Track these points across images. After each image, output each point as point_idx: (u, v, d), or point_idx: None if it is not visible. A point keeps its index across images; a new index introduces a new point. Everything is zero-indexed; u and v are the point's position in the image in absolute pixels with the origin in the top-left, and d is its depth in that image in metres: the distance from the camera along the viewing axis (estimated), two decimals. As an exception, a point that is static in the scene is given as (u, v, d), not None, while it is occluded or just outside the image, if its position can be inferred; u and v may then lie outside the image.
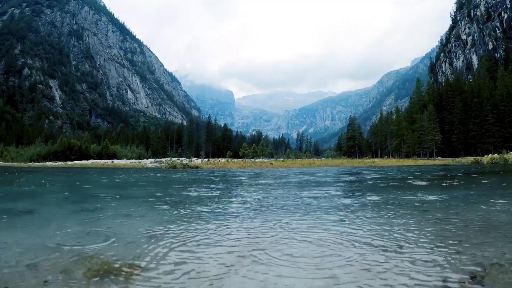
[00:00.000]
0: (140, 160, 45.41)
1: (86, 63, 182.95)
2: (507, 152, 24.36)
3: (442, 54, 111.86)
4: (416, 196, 4.39)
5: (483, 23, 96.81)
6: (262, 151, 79.99)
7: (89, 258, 1.68)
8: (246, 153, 75.19)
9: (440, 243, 1.92)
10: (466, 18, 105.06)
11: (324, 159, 56.03)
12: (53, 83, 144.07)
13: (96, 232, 2.34)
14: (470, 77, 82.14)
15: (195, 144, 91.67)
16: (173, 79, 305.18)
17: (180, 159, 32.00)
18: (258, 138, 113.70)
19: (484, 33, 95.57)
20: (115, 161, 42.44)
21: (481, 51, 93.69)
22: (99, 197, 5.17)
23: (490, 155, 23.16)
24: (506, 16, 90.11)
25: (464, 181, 7.35)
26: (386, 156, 64.97)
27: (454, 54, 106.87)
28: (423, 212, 3.12)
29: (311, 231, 2.31)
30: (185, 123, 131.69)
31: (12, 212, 3.47)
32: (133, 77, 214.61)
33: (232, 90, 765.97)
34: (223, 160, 40.47)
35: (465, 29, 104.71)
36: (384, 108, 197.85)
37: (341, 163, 29.35)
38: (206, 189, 6.22)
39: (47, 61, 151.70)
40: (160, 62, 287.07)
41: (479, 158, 25.25)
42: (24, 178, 11.04)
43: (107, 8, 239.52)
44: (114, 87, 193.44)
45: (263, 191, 5.77)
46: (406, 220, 2.69)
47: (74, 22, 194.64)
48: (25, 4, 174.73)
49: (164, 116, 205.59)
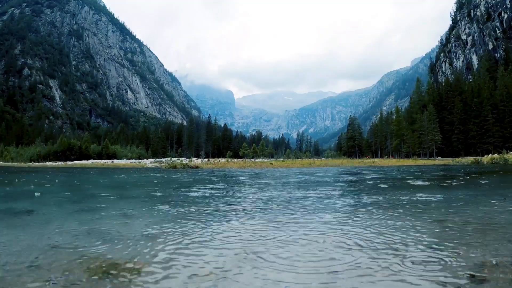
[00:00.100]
0: (140, 160, 45.38)
1: (86, 63, 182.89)
2: (507, 152, 24.36)
3: (442, 54, 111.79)
4: (416, 196, 4.39)
5: (483, 23, 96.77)
6: (262, 151, 79.94)
7: (89, 258, 1.68)
8: (246, 153, 75.16)
9: (440, 243, 1.92)
10: (466, 18, 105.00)
11: (324, 159, 55.98)
12: (53, 83, 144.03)
13: (96, 232, 2.34)
14: (470, 77, 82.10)
15: (195, 144, 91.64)
16: (173, 79, 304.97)
17: (180, 159, 32.00)
18: (258, 138, 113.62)
19: (484, 33, 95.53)
20: (115, 161, 42.42)
21: (481, 51, 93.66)
22: (99, 197, 5.17)
23: (490, 155, 23.17)
24: (506, 16, 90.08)
25: (464, 181, 7.35)
26: (386, 156, 64.93)
27: (454, 54, 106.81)
28: (423, 212, 3.12)
29: (311, 231, 2.31)
30: (185, 123, 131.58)
31: (12, 212, 3.47)
32: (133, 77, 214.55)
33: (232, 90, 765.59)
34: (223, 160, 40.45)
35: (465, 29, 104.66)
36: (384, 108, 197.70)
37: (341, 163, 29.35)
38: (206, 189, 6.22)
39: (47, 61, 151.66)
40: (160, 62, 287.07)
41: (479, 158, 25.25)
42: (24, 178, 11.04)
43: (107, 8, 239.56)
44: (114, 87, 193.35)
45: (263, 191, 5.77)
46: (406, 220, 2.69)
47: (74, 22, 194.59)
48: (25, 4, 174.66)
49: (164, 116, 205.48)
